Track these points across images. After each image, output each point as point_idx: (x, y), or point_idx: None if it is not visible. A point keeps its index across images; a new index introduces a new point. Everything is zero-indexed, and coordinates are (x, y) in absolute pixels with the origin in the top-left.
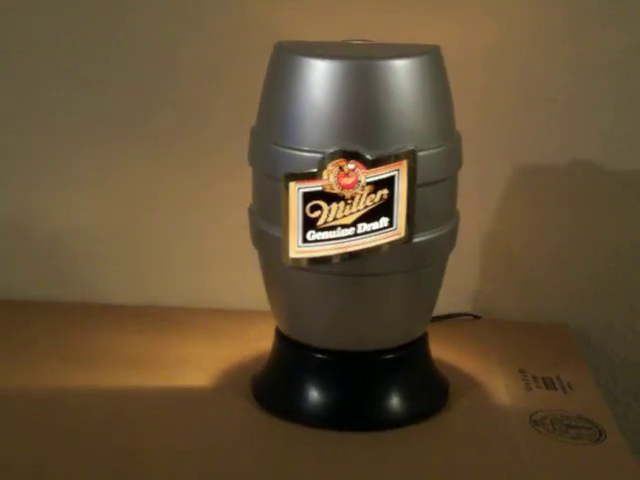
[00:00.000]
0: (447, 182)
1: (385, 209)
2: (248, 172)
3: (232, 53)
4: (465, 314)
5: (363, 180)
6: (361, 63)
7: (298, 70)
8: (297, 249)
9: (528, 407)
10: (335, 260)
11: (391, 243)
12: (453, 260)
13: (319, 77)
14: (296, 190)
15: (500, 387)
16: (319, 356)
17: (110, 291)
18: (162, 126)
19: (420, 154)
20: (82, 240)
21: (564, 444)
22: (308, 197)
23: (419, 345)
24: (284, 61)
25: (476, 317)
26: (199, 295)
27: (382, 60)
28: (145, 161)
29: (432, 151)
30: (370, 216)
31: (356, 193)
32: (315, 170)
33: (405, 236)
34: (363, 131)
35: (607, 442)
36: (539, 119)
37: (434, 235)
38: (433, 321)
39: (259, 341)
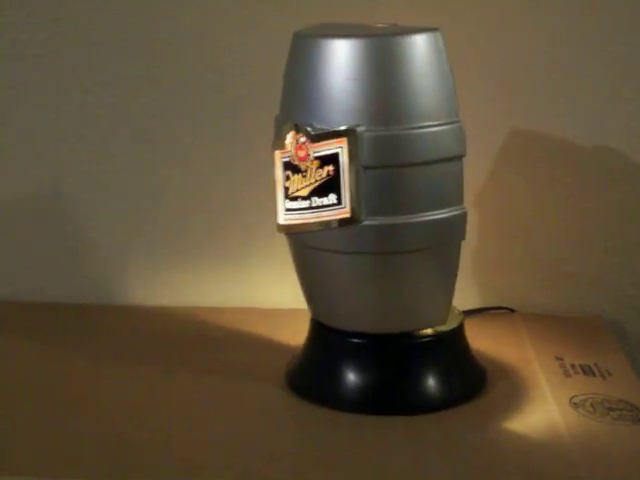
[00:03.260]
0: (437, 166)
1: (332, 185)
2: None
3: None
4: (500, 307)
5: (312, 154)
6: (321, 40)
7: (296, 50)
8: (283, 216)
9: (567, 391)
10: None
11: (340, 221)
12: (488, 255)
13: (303, 55)
14: (280, 159)
15: (538, 374)
16: (354, 340)
17: (138, 293)
18: (188, 128)
19: (382, 134)
20: (105, 242)
21: (606, 424)
22: (285, 166)
23: (455, 329)
24: (294, 45)
25: (511, 310)
26: (230, 294)
27: (338, 39)
28: (168, 160)
29: (400, 132)
30: (321, 191)
31: (308, 166)
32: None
33: (352, 216)
34: (315, 106)
35: None
36: (561, 106)
37: (443, 216)
38: (469, 314)
39: (293, 336)
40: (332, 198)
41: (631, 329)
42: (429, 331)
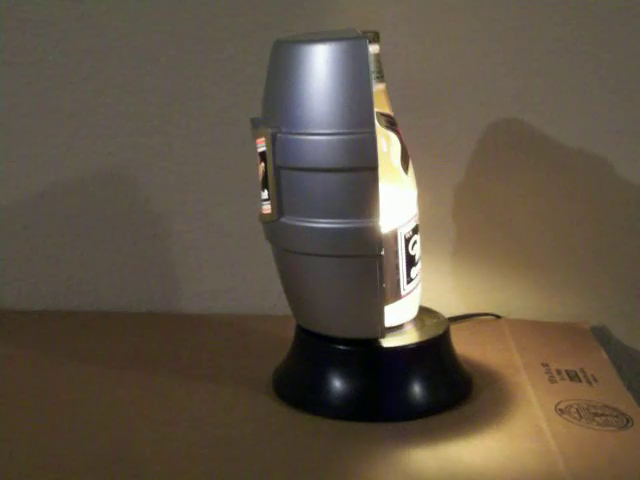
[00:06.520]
0: (343, 175)
1: (266, 181)
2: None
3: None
4: (486, 314)
5: (257, 149)
6: (278, 43)
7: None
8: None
9: (553, 397)
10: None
11: (266, 216)
12: (473, 261)
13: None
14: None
15: (523, 380)
16: (337, 347)
17: (128, 299)
18: (187, 132)
19: (291, 137)
20: (99, 249)
21: (591, 430)
22: None
23: (440, 335)
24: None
25: (497, 317)
26: (216, 301)
27: (281, 43)
28: (158, 169)
29: (306, 137)
30: (262, 185)
31: (260, 161)
32: None
33: (272, 212)
34: (263, 106)
35: (635, 428)
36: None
37: (347, 226)
38: (454, 321)
39: (277, 343)
40: (265, 193)
41: (617, 335)
42: (415, 337)
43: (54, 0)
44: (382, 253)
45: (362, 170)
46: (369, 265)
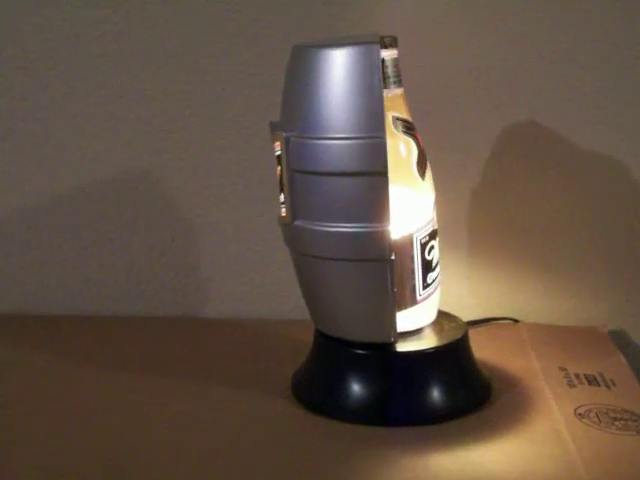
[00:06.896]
0: (351, 179)
1: (282, 184)
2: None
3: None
4: (504, 318)
5: (275, 152)
6: (295, 49)
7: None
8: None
9: (572, 402)
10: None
11: (282, 219)
12: (491, 265)
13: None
14: None
15: (542, 384)
16: (356, 351)
17: (145, 303)
18: (196, 138)
19: (304, 140)
20: (116, 254)
21: (611, 435)
22: None
23: (459, 340)
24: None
25: (515, 321)
26: (234, 305)
27: (299, 49)
28: (175, 173)
29: (316, 141)
30: (280, 188)
31: (277, 164)
32: None
33: (286, 215)
34: (281, 110)
35: None
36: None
37: (354, 230)
38: (472, 325)
39: (297, 347)
40: (282, 196)
41: (635, 338)
42: (434, 341)
43: (69, 6)
44: (392, 258)
45: (372, 175)
46: (380, 270)
